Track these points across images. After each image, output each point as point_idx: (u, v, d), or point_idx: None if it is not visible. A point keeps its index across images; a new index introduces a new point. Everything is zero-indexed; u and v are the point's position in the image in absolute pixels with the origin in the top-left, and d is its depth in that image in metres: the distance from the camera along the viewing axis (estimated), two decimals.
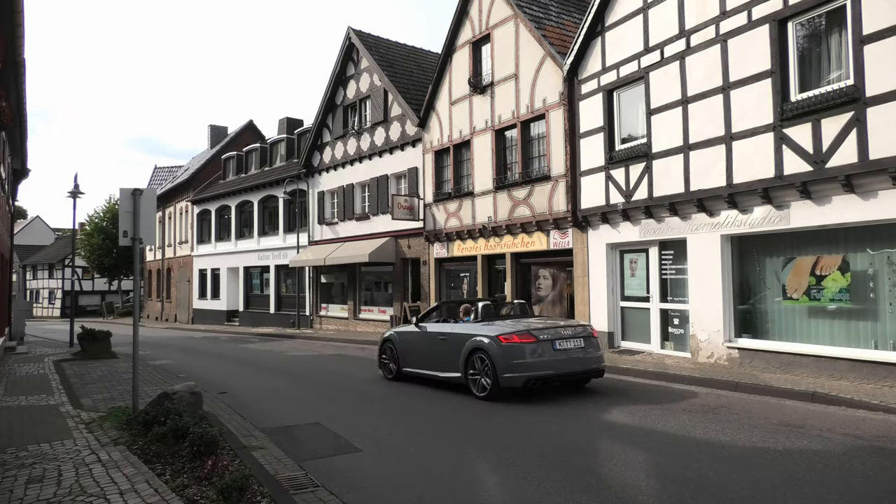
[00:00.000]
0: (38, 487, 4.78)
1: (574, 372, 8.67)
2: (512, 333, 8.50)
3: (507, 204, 15.61)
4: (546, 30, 14.84)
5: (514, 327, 8.78)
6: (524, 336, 8.44)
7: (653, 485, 4.80)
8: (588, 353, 8.81)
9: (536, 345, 8.40)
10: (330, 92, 23.59)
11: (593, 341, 9.01)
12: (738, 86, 10.11)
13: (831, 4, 8.95)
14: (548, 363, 8.39)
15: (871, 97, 8.32)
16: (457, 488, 4.88)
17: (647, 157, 11.81)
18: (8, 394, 9.45)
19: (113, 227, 43.30)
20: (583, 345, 8.79)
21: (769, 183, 9.62)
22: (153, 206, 7.50)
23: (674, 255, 11.79)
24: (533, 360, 8.32)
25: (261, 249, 28.47)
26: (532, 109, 14.88)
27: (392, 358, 10.70)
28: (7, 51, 8.63)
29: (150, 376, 11.32)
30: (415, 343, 10.22)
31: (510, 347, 8.32)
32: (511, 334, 8.49)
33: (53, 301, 59.50)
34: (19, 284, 56.51)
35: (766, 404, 7.78)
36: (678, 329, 11.70)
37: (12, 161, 16.59)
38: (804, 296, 9.53)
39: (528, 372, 8.26)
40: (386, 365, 10.89)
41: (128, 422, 6.81)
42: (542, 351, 8.40)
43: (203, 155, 39.36)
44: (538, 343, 8.42)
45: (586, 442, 6.21)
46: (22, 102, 11.48)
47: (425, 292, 18.92)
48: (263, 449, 6.09)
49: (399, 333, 10.83)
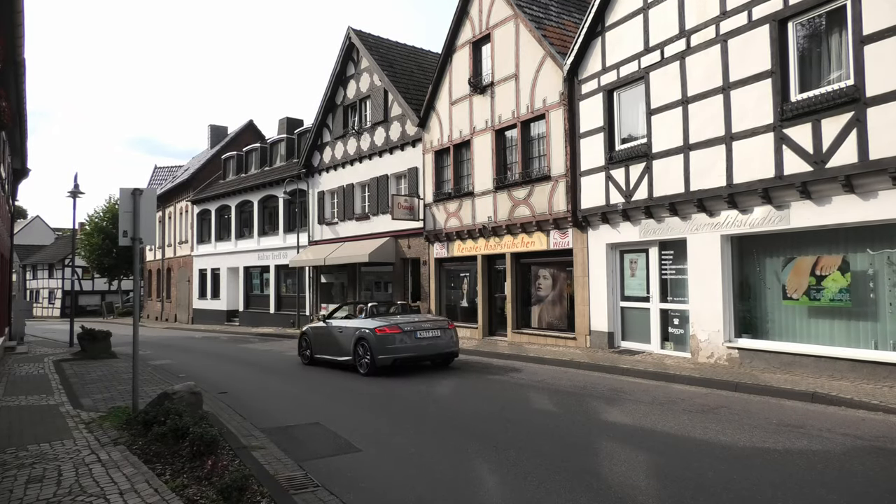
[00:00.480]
0: (37, 487, 4.78)
1: (431, 354, 11.58)
2: (385, 326, 11.19)
3: (507, 204, 15.61)
4: (546, 30, 14.84)
5: (387, 322, 11.43)
6: (393, 328, 11.16)
7: (653, 485, 4.80)
8: (443, 340, 11.61)
9: (402, 334, 11.14)
10: (330, 92, 23.59)
11: (448, 332, 11.80)
12: (738, 86, 10.11)
13: (831, 4, 8.95)
14: (411, 348, 11.19)
15: (871, 97, 8.32)
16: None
17: (647, 157, 11.81)
18: (8, 394, 9.45)
19: (113, 227, 43.31)
20: (439, 335, 11.59)
21: (769, 183, 9.62)
22: (153, 206, 7.50)
23: (674, 256, 11.79)
24: (400, 345, 11.09)
25: (261, 249, 28.47)
26: (532, 109, 14.88)
27: (308, 347, 13.40)
28: (7, 51, 8.62)
29: (149, 376, 11.32)
30: (322, 335, 12.94)
31: (383, 336, 11.06)
32: (384, 327, 11.16)
33: (53, 301, 59.50)
34: (19, 284, 56.51)
35: (766, 404, 7.78)
36: (678, 329, 11.70)
37: (12, 161, 16.60)
38: (804, 296, 9.53)
39: (396, 354, 11.05)
40: (303, 353, 13.60)
41: (128, 422, 6.81)
42: (407, 339, 11.17)
43: (203, 155, 39.36)
44: (404, 333, 11.17)
45: (586, 442, 6.21)
46: (22, 102, 11.49)
47: (425, 292, 18.93)
48: (263, 449, 6.09)
49: (312, 328, 13.57)
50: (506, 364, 12.37)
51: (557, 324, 14.72)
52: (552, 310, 14.95)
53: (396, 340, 11.05)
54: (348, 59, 22.94)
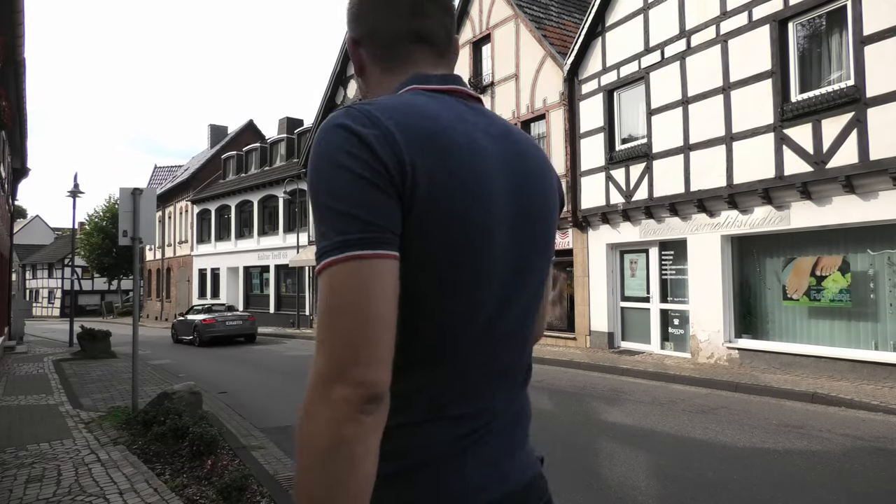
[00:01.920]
0: (37, 487, 4.77)
1: (235, 334, 19.49)
2: (206, 318, 19.31)
3: None
4: (546, 30, 14.84)
5: (209, 315, 19.54)
6: (210, 319, 19.24)
7: (653, 485, 4.80)
8: (244, 326, 19.73)
9: (216, 323, 19.15)
10: (330, 92, 23.58)
11: (248, 322, 19.98)
12: (738, 86, 10.10)
13: (832, 5, 8.95)
14: (221, 330, 19.10)
15: (871, 98, 8.32)
16: None
17: (647, 158, 11.80)
18: (7, 393, 9.45)
19: (113, 227, 43.20)
20: (241, 322, 19.75)
21: (769, 183, 9.62)
22: (153, 206, 7.49)
23: (674, 256, 11.79)
24: (214, 329, 19.02)
25: (261, 249, 28.46)
26: (532, 109, 14.87)
27: (175, 333, 21.33)
28: (7, 51, 8.62)
29: (149, 376, 11.32)
30: (182, 325, 20.82)
31: (205, 325, 19.05)
32: (205, 318, 19.28)
33: (53, 300, 59.50)
34: (19, 284, 56.46)
35: (766, 405, 7.78)
36: (678, 329, 11.70)
37: (12, 160, 16.59)
38: (804, 296, 9.52)
39: (212, 334, 18.92)
40: (174, 336, 21.37)
41: (127, 421, 6.80)
42: (219, 325, 19.13)
43: (203, 154, 39.34)
44: (217, 322, 19.19)
45: (586, 442, 6.21)
46: (22, 102, 11.49)
47: None
48: (263, 449, 6.09)
49: (178, 321, 21.72)
50: None
51: (557, 324, 14.71)
52: (552, 310, 14.94)
53: (214, 327, 19.01)
54: (348, 59, 22.85)
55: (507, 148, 1.01)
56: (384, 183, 0.84)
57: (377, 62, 1.10)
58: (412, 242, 0.86)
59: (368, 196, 0.83)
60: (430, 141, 0.89)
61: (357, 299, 0.80)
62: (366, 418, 0.78)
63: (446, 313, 0.91)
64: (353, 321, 0.80)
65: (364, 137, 0.85)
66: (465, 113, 1.00)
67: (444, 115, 0.95)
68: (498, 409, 1.03)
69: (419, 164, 0.86)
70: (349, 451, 0.77)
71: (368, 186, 0.83)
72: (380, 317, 0.81)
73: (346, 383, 0.78)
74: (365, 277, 0.80)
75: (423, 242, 0.87)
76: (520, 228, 0.99)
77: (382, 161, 0.84)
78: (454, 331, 0.93)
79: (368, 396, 0.78)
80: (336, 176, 0.84)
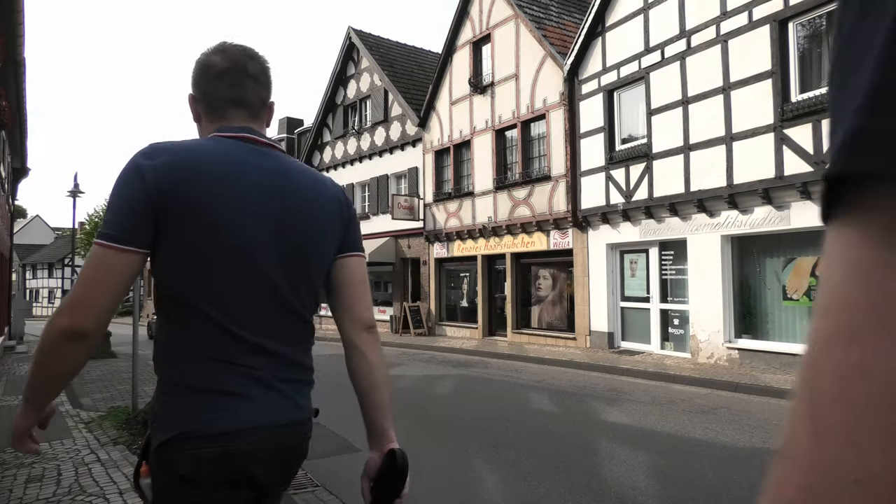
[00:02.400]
0: (37, 487, 4.77)
1: None
2: None
3: (508, 204, 15.60)
4: (546, 30, 14.84)
5: None
6: None
7: (653, 485, 4.80)
8: None
9: None
10: (330, 92, 23.59)
11: None
12: (738, 86, 10.11)
13: (832, 5, 8.95)
14: None
15: None
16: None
17: (647, 158, 11.81)
18: (7, 393, 9.45)
19: None
20: None
21: (770, 183, 9.62)
22: None
23: (674, 256, 11.79)
24: None
25: None
26: (532, 109, 14.87)
27: (149, 329, 20.64)
28: (7, 50, 8.62)
29: (149, 376, 11.31)
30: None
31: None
32: None
33: (53, 300, 59.49)
34: (19, 283, 56.49)
35: (766, 405, 7.78)
36: (678, 329, 11.70)
37: (12, 160, 16.59)
38: (804, 296, 9.52)
39: None
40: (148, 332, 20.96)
41: (127, 421, 6.81)
42: None
43: None
44: None
45: (586, 442, 6.21)
46: (22, 102, 11.49)
47: (425, 292, 18.92)
48: None
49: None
50: (506, 364, 12.37)
51: (557, 324, 14.71)
52: (552, 310, 14.95)
53: None
54: (348, 59, 22.93)
55: (277, 180, 1.40)
56: (140, 202, 1.28)
57: (205, 115, 1.50)
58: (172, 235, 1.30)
59: (125, 209, 1.29)
60: (188, 171, 1.30)
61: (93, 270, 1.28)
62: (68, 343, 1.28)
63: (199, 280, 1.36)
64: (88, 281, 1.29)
65: (140, 167, 1.30)
66: (246, 154, 1.39)
67: (218, 152, 1.36)
68: None
69: (176, 186, 1.29)
70: (55, 355, 1.33)
71: (126, 203, 1.29)
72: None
73: (65, 316, 1.27)
74: (102, 258, 1.27)
75: (180, 236, 1.30)
76: (282, 237, 1.39)
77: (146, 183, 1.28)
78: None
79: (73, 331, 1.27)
80: (114, 192, 1.32)
